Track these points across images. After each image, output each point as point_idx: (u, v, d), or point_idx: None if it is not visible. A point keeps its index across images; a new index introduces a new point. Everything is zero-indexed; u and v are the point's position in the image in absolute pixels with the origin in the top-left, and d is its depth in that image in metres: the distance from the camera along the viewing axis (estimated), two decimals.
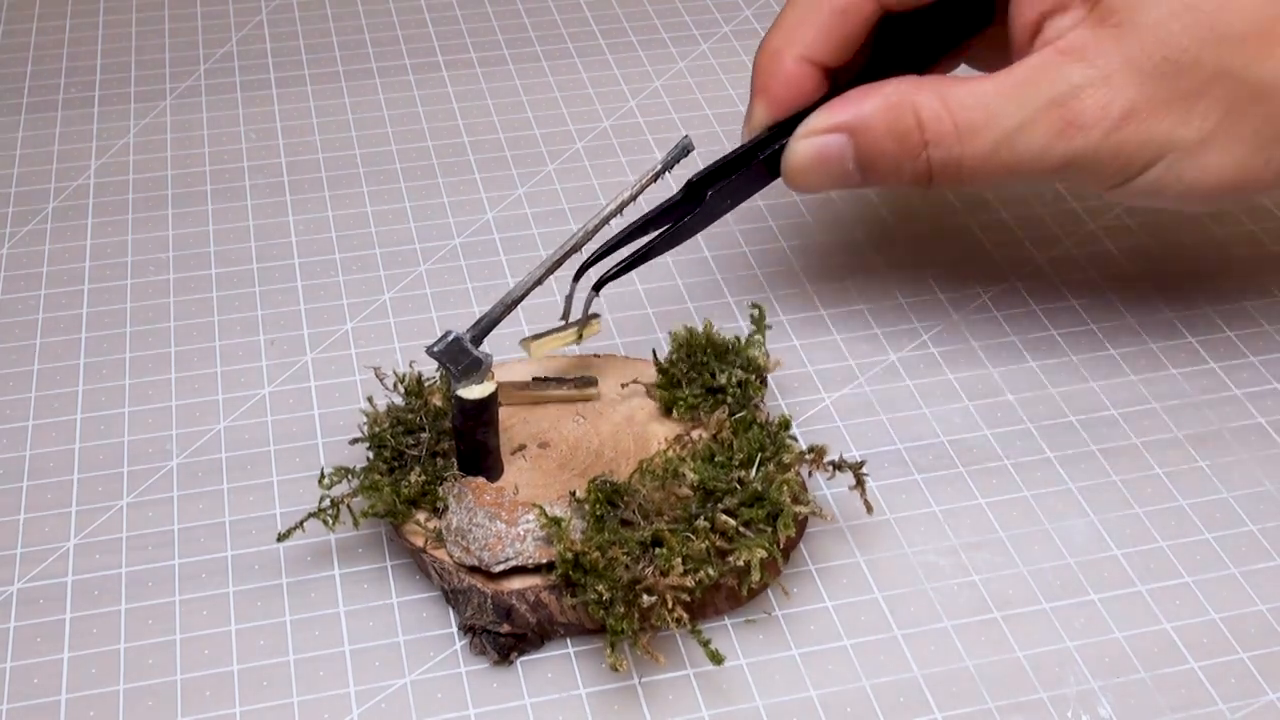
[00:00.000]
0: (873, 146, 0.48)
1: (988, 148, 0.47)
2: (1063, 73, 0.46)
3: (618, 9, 0.78)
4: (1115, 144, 0.46)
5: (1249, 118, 0.46)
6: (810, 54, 0.51)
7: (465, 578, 0.44)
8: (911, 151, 0.48)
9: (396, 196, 0.64)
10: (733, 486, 0.44)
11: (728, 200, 0.51)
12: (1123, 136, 0.46)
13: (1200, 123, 0.46)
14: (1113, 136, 0.46)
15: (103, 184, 0.65)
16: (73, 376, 0.54)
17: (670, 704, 0.43)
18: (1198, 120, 0.46)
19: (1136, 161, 0.47)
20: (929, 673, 0.44)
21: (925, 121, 0.47)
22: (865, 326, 0.56)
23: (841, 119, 0.49)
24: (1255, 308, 0.57)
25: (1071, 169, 0.47)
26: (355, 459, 0.49)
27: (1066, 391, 0.53)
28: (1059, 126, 0.46)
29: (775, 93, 0.51)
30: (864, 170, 0.49)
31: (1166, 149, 0.46)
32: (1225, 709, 0.43)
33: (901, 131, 0.48)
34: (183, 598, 0.46)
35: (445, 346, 0.44)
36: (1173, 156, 0.47)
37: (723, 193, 0.51)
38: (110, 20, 0.77)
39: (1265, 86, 0.46)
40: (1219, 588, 0.46)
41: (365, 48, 0.75)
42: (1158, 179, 0.47)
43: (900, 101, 0.48)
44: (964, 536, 0.48)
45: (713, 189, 0.50)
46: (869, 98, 0.48)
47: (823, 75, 0.52)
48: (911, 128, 0.48)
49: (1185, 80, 0.46)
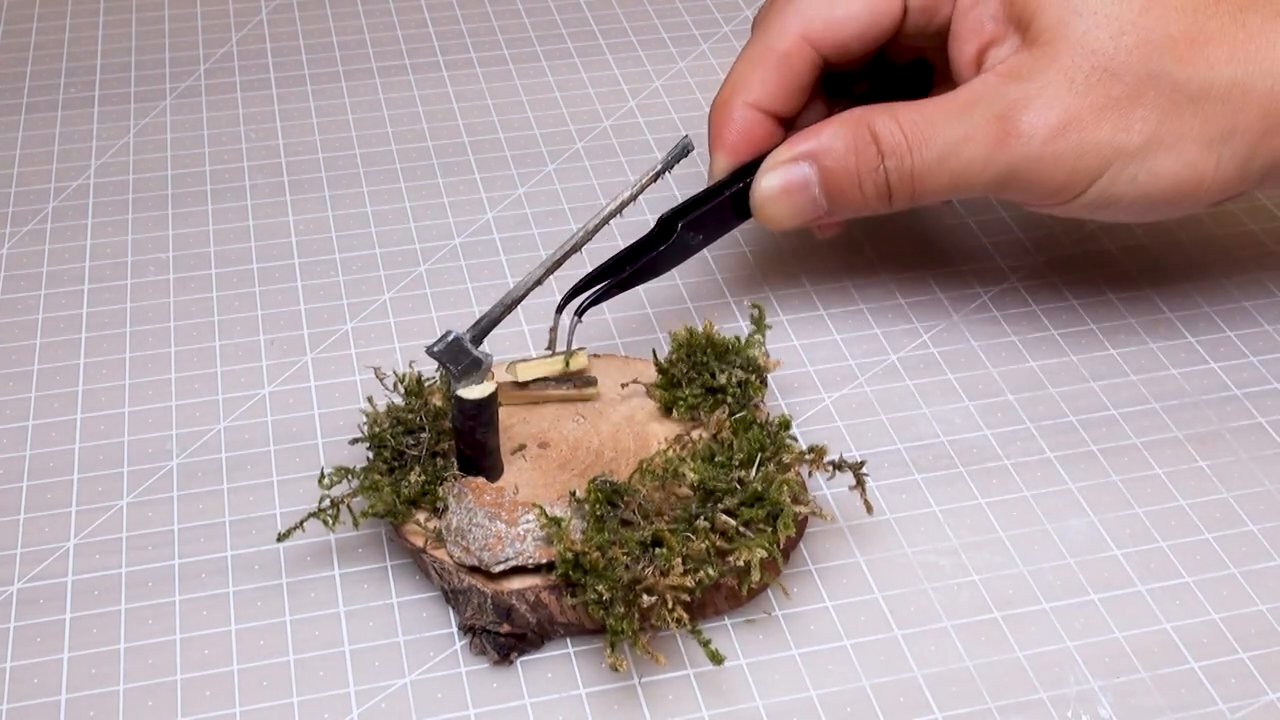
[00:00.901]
0: (836, 165, 0.51)
1: (935, 157, 0.49)
2: (1002, 90, 0.49)
3: (618, 9, 0.78)
4: (1055, 152, 0.48)
5: (1188, 119, 0.48)
6: (757, 101, 0.54)
7: (465, 578, 0.44)
8: (870, 164, 0.50)
9: (396, 196, 0.64)
10: (733, 486, 0.44)
11: (699, 235, 0.53)
12: (1062, 145, 0.48)
13: (1141, 126, 0.48)
14: (1052, 145, 0.48)
15: (103, 184, 0.65)
16: (73, 376, 0.54)
17: (670, 704, 0.43)
18: (1138, 125, 0.48)
19: (1082, 170, 0.48)
20: (929, 673, 0.44)
21: (880, 135, 0.50)
22: (865, 326, 0.57)
23: (804, 147, 0.51)
24: (1255, 308, 0.57)
25: (1017, 178, 0.49)
26: (355, 459, 0.49)
27: (1066, 391, 0.54)
28: (999, 136, 0.49)
29: (729, 140, 0.54)
30: (829, 194, 0.51)
31: (1111, 156, 0.48)
32: (1225, 709, 0.43)
33: (860, 147, 0.50)
34: (183, 598, 0.46)
35: (445, 346, 0.44)
36: (1119, 163, 0.48)
37: (694, 227, 0.52)
38: (110, 20, 0.77)
39: (1197, 88, 0.48)
40: (1219, 588, 0.46)
41: (365, 48, 0.75)
42: (1109, 186, 0.49)
43: (857, 122, 0.50)
44: (964, 536, 0.48)
45: (683, 221, 0.52)
46: (827, 125, 0.51)
47: (774, 123, 0.54)
48: (868, 142, 0.50)
49: (1118, 87, 0.48)
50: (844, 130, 0.50)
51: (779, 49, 0.53)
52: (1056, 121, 0.48)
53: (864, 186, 0.50)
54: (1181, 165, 0.48)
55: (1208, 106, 0.48)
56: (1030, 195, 0.50)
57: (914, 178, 0.50)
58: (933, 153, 0.49)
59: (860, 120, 0.50)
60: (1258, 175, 0.49)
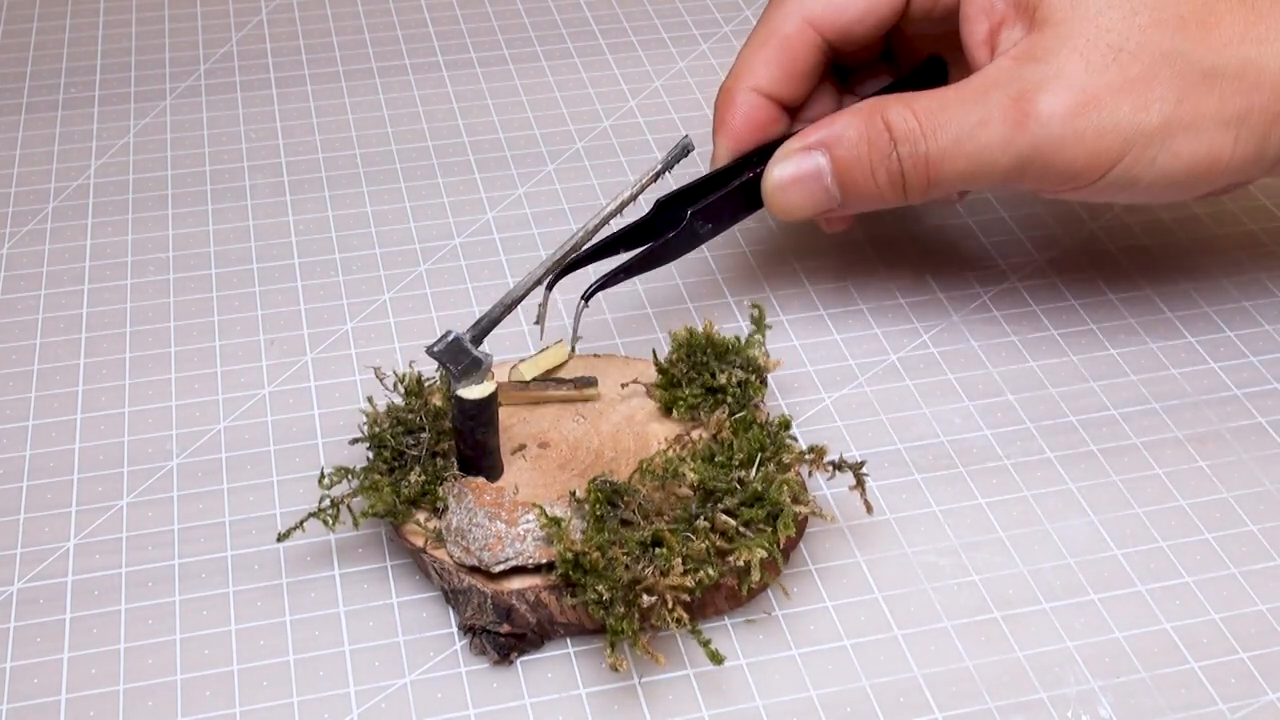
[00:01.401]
0: (849, 154, 0.50)
1: (951, 141, 0.49)
2: (1017, 73, 0.48)
3: (618, 9, 0.78)
4: (1075, 132, 0.48)
5: (1205, 99, 0.47)
6: (759, 86, 0.53)
7: (465, 578, 0.44)
8: (883, 151, 0.49)
9: (396, 196, 0.64)
10: (733, 486, 0.44)
11: (709, 225, 0.52)
12: (1082, 124, 0.48)
13: (1160, 106, 0.47)
14: (1071, 124, 0.48)
15: (103, 184, 0.65)
16: (73, 376, 0.54)
17: (670, 704, 0.43)
18: (1156, 104, 0.47)
19: (1103, 151, 0.48)
20: (929, 673, 0.44)
21: (892, 123, 0.49)
22: (865, 326, 0.57)
23: (816, 137, 0.51)
24: (1255, 308, 0.57)
25: (1036, 161, 0.48)
26: (355, 459, 0.49)
27: (1066, 391, 0.54)
28: (1016, 118, 0.48)
29: (732, 126, 0.53)
30: (842, 184, 0.51)
31: (1133, 137, 0.48)
32: (1225, 709, 0.43)
33: (873, 135, 0.50)
34: (183, 598, 0.46)
35: (445, 346, 0.44)
36: (1140, 144, 0.48)
37: (704, 216, 0.52)
38: (110, 20, 0.77)
39: (1210, 68, 0.47)
40: (1219, 588, 0.46)
41: (365, 48, 0.75)
42: (1130, 168, 0.48)
43: (871, 110, 0.50)
44: (964, 536, 0.48)
45: (692, 208, 0.51)
46: (841, 115, 0.51)
47: (778, 109, 0.54)
48: (881, 131, 0.49)
49: (1134, 65, 0.47)
50: (857, 119, 0.50)
51: (782, 33, 0.53)
52: (1075, 102, 0.47)
53: (877, 175, 0.50)
54: (1199, 145, 0.48)
55: (1223, 85, 0.47)
56: (1049, 180, 0.49)
57: (929, 164, 0.49)
58: (948, 138, 0.49)
59: (874, 109, 0.50)
60: (1274, 156, 0.49)
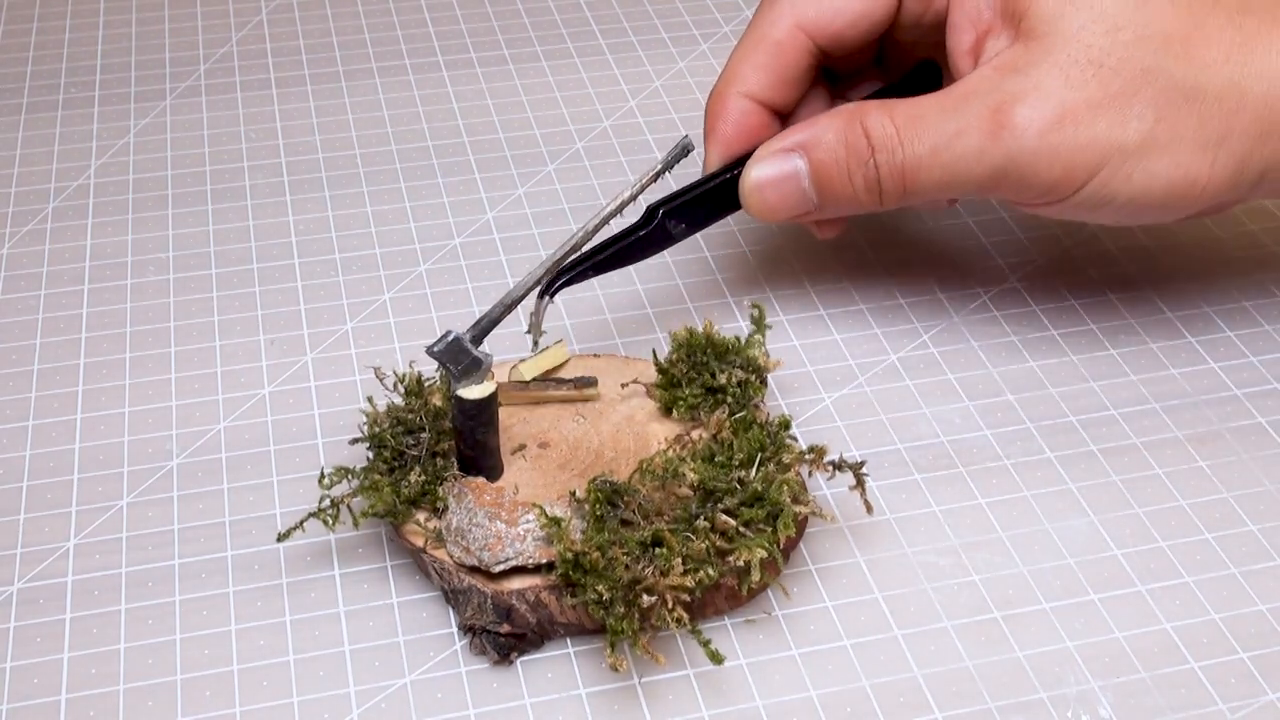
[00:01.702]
0: (826, 157, 0.50)
1: (927, 150, 0.49)
2: (998, 83, 0.48)
3: (618, 9, 0.78)
4: (1051, 146, 0.48)
5: (1185, 119, 0.47)
6: (750, 90, 0.53)
7: (465, 578, 0.44)
8: (860, 157, 0.50)
9: (396, 196, 0.64)
10: (733, 486, 0.44)
11: (681, 224, 0.52)
12: (1058, 139, 0.48)
13: (1138, 124, 0.47)
14: (1047, 138, 0.48)
15: (103, 184, 0.65)
16: (73, 376, 0.54)
17: (670, 704, 0.43)
18: (1134, 122, 0.47)
19: (1078, 166, 0.48)
20: (929, 673, 0.44)
21: (871, 130, 0.49)
22: (865, 326, 0.57)
23: (795, 139, 0.51)
24: (1255, 308, 0.57)
25: (1011, 173, 0.48)
26: (355, 459, 0.49)
27: (1066, 391, 0.54)
28: (992, 129, 0.48)
29: (723, 132, 0.53)
30: (819, 187, 0.51)
31: (1108, 153, 0.48)
32: (1225, 709, 0.43)
33: (851, 140, 0.50)
34: (183, 598, 0.46)
35: (445, 346, 0.44)
36: (1116, 160, 0.48)
37: (675, 215, 0.52)
38: (110, 20, 0.77)
39: (1191, 88, 0.47)
40: (1219, 588, 0.46)
41: (365, 48, 0.75)
42: (1105, 184, 0.48)
43: (850, 115, 0.50)
44: (964, 536, 0.48)
45: (664, 209, 0.52)
46: (820, 119, 0.51)
47: (769, 114, 0.54)
48: (860, 136, 0.50)
49: (1114, 82, 0.47)
50: (836, 122, 0.50)
51: (772, 37, 0.53)
52: (1052, 115, 0.47)
53: (854, 180, 0.50)
54: (1176, 167, 0.48)
55: (1203, 107, 0.47)
56: (1024, 192, 0.49)
57: (904, 172, 0.49)
58: (924, 146, 0.49)
59: (853, 114, 0.50)
60: (1250, 181, 0.49)
